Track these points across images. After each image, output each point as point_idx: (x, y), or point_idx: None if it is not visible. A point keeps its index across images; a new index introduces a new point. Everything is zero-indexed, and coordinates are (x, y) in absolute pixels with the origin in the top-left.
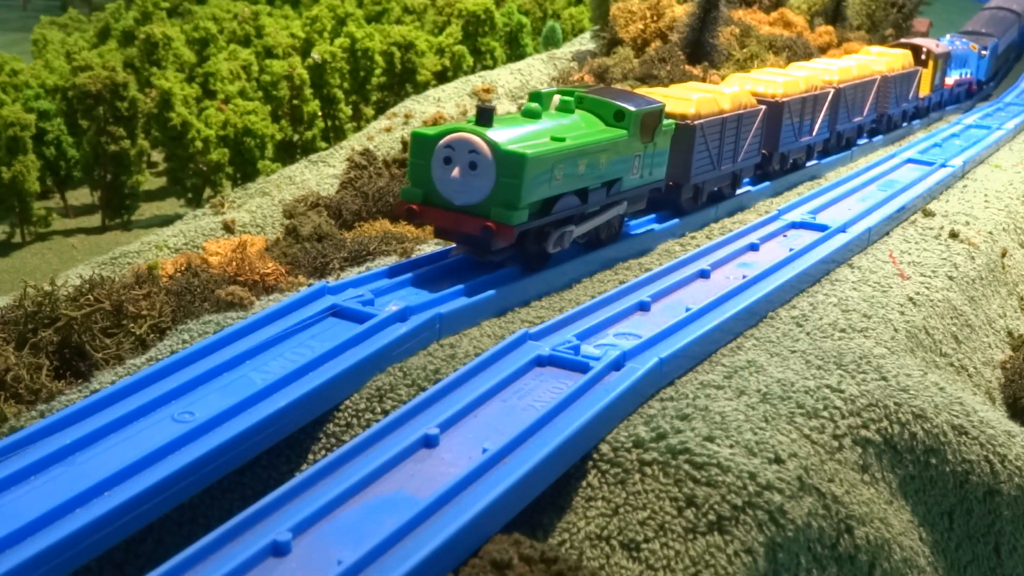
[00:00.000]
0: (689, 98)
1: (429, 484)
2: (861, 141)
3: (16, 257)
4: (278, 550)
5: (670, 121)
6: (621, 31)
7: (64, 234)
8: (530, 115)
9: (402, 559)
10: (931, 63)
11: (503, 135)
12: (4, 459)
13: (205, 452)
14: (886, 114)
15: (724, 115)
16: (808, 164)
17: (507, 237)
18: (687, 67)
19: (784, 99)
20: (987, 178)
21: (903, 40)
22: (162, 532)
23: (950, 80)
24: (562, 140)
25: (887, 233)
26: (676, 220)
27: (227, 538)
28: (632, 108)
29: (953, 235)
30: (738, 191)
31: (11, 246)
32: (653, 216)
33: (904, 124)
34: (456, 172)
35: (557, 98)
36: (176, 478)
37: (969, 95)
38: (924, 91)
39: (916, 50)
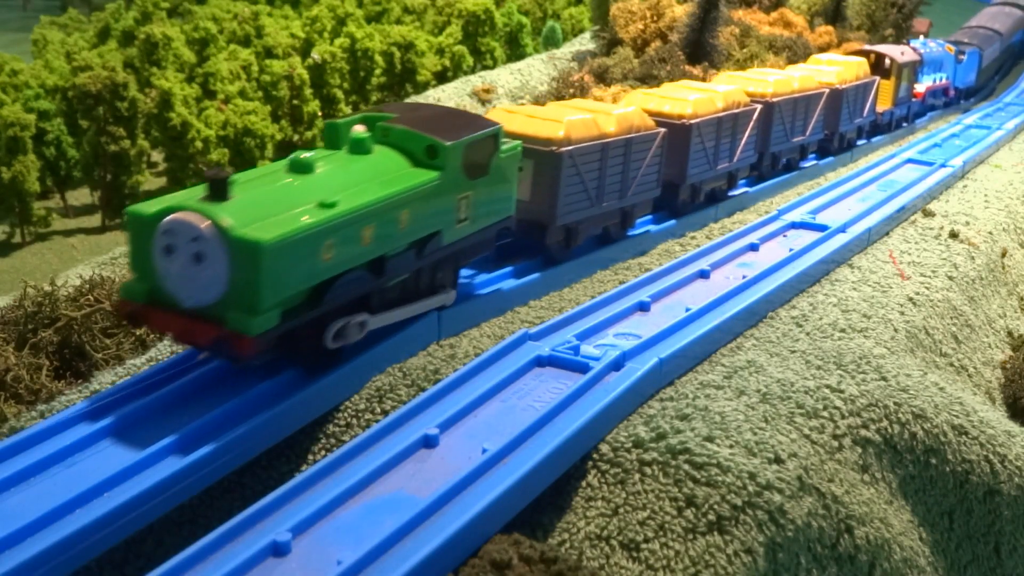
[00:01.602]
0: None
1: (429, 484)
2: (806, 163)
3: (16, 257)
4: (278, 550)
5: (512, 144)
6: (621, 31)
7: (64, 234)
8: (298, 168)
9: (402, 559)
10: (894, 72)
11: (240, 212)
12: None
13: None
14: (837, 132)
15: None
16: (732, 192)
17: (249, 349)
18: (687, 67)
19: (693, 120)
20: (987, 178)
21: (863, 47)
22: (162, 532)
23: (920, 89)
24: (332, 206)
25: (887, 233)
26: (673, 221)
27: (227, 538)
28: (448, 142)
29: (953, 235)
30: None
31: (11, 246)
32: (650, 217)
33: (861, 141)
34: (180, 265)
35: (359, 129)
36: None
37: (946, 103)
38: (884, 103)
39: (878, 58)
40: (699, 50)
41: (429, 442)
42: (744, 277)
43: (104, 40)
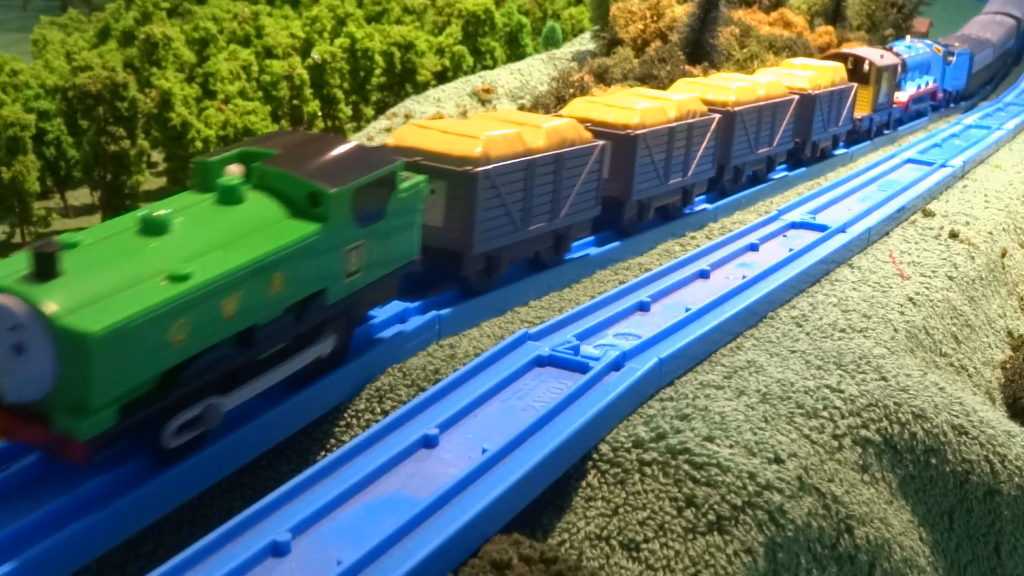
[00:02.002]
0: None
1: (429, 484)
2: (776, 174)
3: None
4: (278, 550)
5: (415, 180)
6: (621, 31)
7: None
8: (149, 229)
9: (402, 559)
10: (873, 77)
11: (69, 292)
12: None
13: None
14: (809, 141)
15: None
16: (690, 210)
17: (79, 456)
18: (687, 67)
19: (639, 131)
20: (987, 178)
21: (839, 50)
22: (162, 533)
23: (903, 95)
24: (184, 278)
25: (887, 233)
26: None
27: (227, 538)
28: (332, 188)
29: (953, 235)
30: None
31: (11, 246)
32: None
33: (838, 151)
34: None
35: (234, 170)
36: None
37: (935, 107)
38: (863, 110)
39: (856, 62)
40: (699, 50)
41: (429, 442)
42: (744, 277)
43: (104, 40)
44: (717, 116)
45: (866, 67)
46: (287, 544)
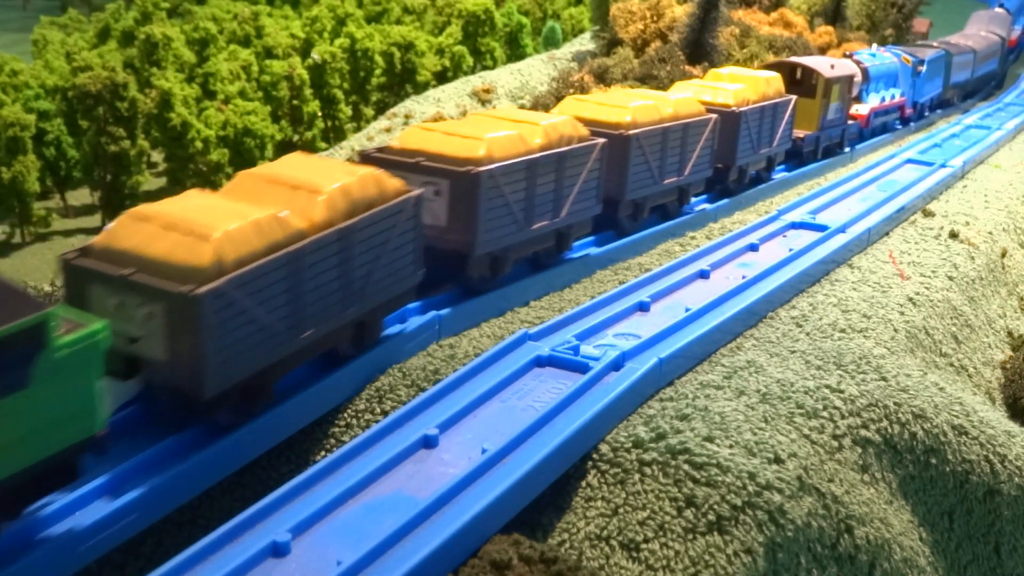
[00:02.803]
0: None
1: (428, 484)
2: (694, 207)
3: (16, 257)
4: (277, 551)
5: (91, 327)
6: (621, 31)
7: (64, 234)
8: None
9: (401, 559)
10: (821, 89)
11: None
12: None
13: None
14: (734, 166)
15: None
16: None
17: None
18: (687, 67)
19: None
20: (987, 178)
21: (781, 59)
22: (162, 533)
23: (863, 108)
24: None
25: (887, 233)
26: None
27: (226, 539)
28: None
29: (953, 235)
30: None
31: (11, 246)
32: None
33: (777, 174)
34: None
35: None
36: None
37: (904, 121)
38: (807, 127)
39: (803, 72)
40: (699, 50)
41: (429, 442)
42: (744, 277)
43: (104, 40)
44: (601, 141)
45: (813, 79)
46: (287, 544)
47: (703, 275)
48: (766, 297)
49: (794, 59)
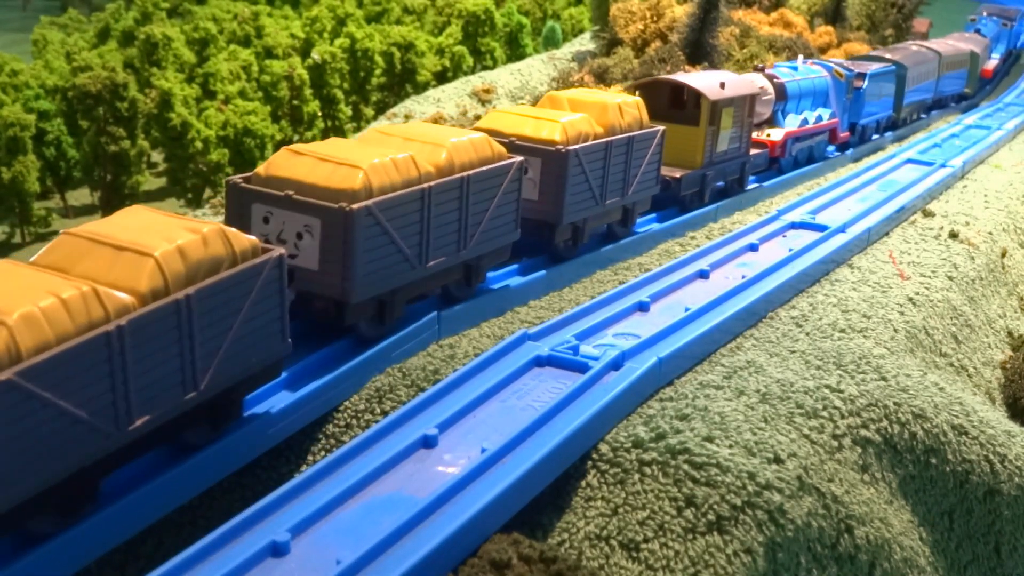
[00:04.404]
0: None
1: (428, 484)
2: (494, 284)
3: (16, 257)
4: (277, 551)
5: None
6: (621, 31)
7: None
8: None
9: (401, 559)
10: (706, 114)
11: None
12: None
13: None
14: (562, 224)
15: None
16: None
17: None
18: (687, 67)
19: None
20: (987, 178)
21: (656, 76)
22: (162, 533)
23: (777, 134)
24: None
25: (887, 233)
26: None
27: (226, 539)
28: None
29: (953, 235)
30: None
31: (11, 246)
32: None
33: (643, 227)
34: None
35: None
36: None
37: (840, 147)
38: (687, 164)
39: (690, 94)
40: (699, 50)
41: (428, 442)
42: (744, 277)
43: (104, 40)
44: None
45: (698, 100)
46: (287, 544)
47: (703, 275)
48: (766, 297)
49: (672, 76)
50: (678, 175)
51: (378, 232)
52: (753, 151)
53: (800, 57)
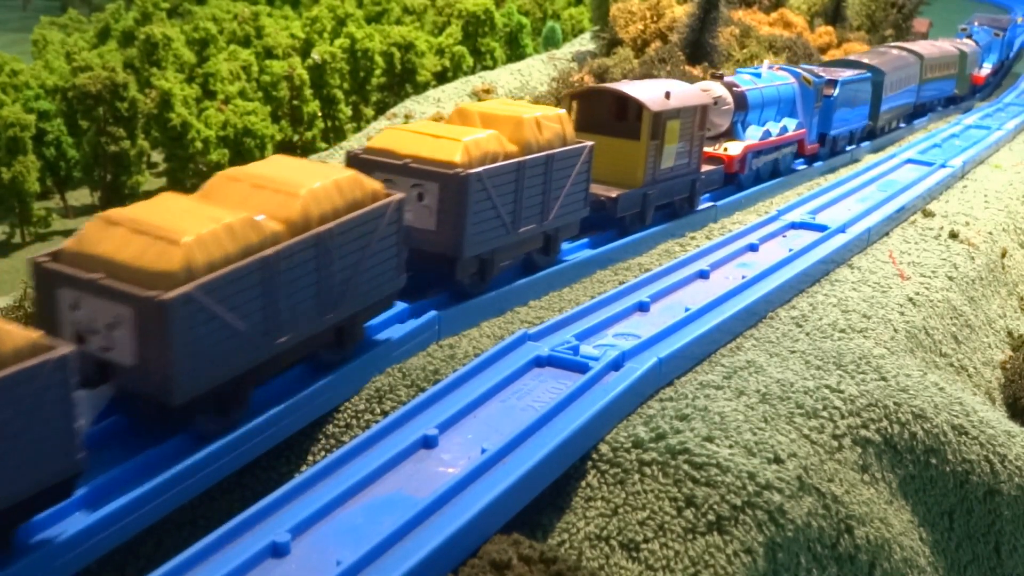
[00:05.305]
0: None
1: (428, 484)
2: (380, 334)
3: (16, 257)
4: (277, 551)
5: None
6: (621, 32)
7: (64, 234)
8: None
9: (401, 559)
10: (648, 127)
11: None
12: None
13: None
14: (462, 257)
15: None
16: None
17: None
18: (687, 67)
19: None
20: (987, 178)
21: (594, 86)
22: (162, 533)
23: (735, 147)
24: None
25: (887, 233)
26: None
27: (226, 539)
28: None
29: (953, 235)
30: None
31: (11, 246)
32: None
33: (574, 254)
34: None
35: None
36: None
37: (809, 159)
38: (626, 182)
39: (631, 105)
40: (699, 50)
41: (429, 442)
42: (744, 277)
43: (104, 40)
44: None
45: (640, 112)
46: (287, 545)
47: (703, 275)
48: (766, 297)
49: (613, 85)
50: (614, 195)
51: (206, 318)
52: (706, 167)
53: (765, 62)
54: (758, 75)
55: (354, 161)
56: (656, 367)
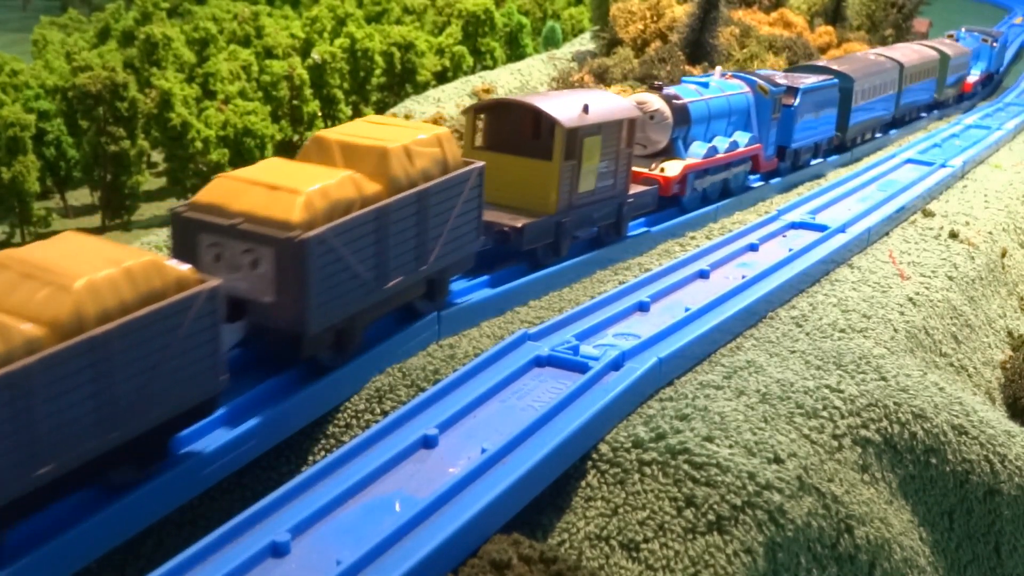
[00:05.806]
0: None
1: (428, 484)
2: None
3: None
4: (277, 551)
5: None
6: (621, 31)
7: None
8: None
9: (401, 559)
10: (561, 146)
11: None
12: None
13: None
14: (305, 333)
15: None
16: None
17: None
18: (687, 67)
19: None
20: (987, 178)
21: (500, 98)
22: (162, 533)
23: (674, 167)
24: None
25: (887, 233)
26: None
27: (227, 538)
28: None
29: (953, 235)
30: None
31: (11, 247)
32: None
33: (466, 297)
34: None
35: None
36: None
37: (766, 175)
38: (536, 209)
39: (544, 121)
40: (699, 50)
41: (429, 442)
42: (744, 277)
43: (104, 40)
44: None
45: (550, 128)
46: (287, 544)
47: (703, 275)
48: (766, 297)
49: (521, 98)
50: (520, 224)
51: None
52: (637, 189)
53: (716, 69)
54: (706, 85)
55: (177, 222)
56: (656, 367)
